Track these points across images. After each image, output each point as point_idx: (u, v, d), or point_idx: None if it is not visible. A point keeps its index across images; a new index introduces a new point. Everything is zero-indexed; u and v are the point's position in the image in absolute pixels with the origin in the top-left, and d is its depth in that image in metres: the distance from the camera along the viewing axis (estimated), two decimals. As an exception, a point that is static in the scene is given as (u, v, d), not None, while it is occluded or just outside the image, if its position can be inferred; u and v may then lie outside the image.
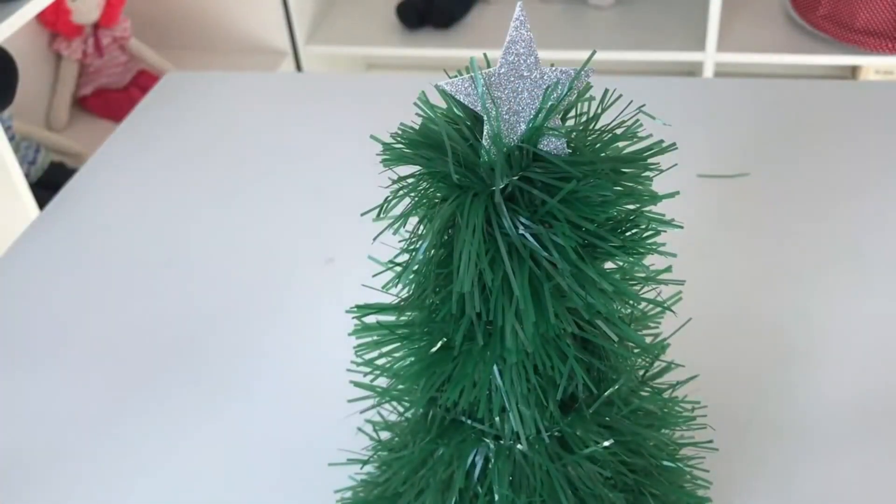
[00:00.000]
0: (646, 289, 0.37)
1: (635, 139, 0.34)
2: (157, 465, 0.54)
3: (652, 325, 0.41)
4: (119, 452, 0.55)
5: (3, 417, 0.58)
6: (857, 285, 0.61)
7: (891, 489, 0.49)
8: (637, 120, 0.34)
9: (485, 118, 0.31)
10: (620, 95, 0.34)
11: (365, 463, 0.44)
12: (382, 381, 0.40)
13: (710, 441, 0.46)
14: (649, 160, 0.34)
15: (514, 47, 0.31)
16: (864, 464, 0.50)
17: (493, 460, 0.38)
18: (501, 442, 0.38)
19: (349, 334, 0.39)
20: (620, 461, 0.39)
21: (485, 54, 0.32)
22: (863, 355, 0.56)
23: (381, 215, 0.34)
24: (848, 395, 0.54)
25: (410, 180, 0.34)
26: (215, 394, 0.58)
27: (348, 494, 0.47)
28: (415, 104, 0.33)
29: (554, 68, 0.31)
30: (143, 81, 1.69)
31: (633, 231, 0.34)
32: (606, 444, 0.38)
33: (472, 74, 0.31)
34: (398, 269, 0.36)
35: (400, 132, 0.34)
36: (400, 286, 0.36)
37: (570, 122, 0.34)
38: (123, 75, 1.69)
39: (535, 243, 0.32)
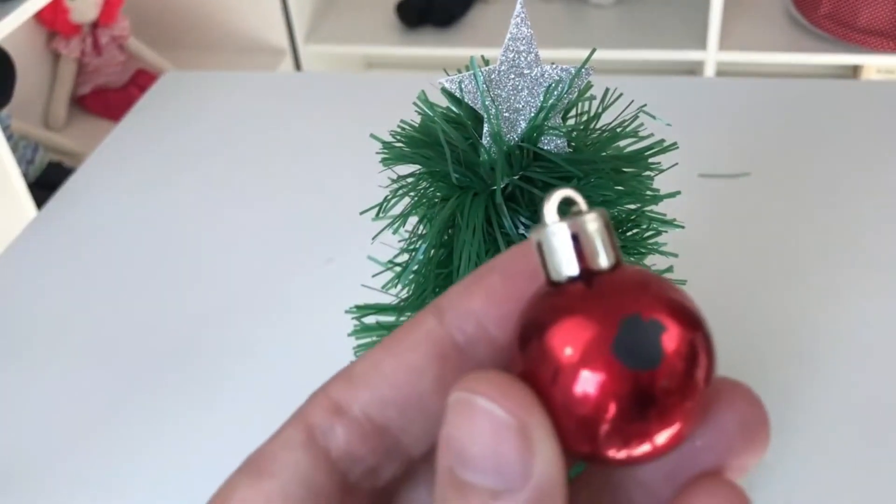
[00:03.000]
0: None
1: (636, 138, 0.33)
2: (157, 465, 0.54)
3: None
4: (118, 452, 0.55)
5: (1, 417, 0.58)
6: (859, 285, 0.61)
7: (895, 490, 0.48)
8: (638, 118, 0.34)
9: (485, 116, 0.31)
10: (621, 94, 0.34)
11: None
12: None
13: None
14: (650, 159, 0.33)
15: (514, 44, 0.30)
16: (868, 464, 0.50)
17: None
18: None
19: (349, 335, 0.39)
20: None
21: (482, 56, 0.32)
22: (865, 355, 0.56)
23: (381, 214, 0.33)
24: (851, 396, 0.53)
25: (410, 180, 0.33)
26: (214, 394, 0.58)
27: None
28: (414, 104, 0.33)
29: (554, 66, 0.31)
30: (142, 80, 1.69)
31: (634, 231, 0.34)
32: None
33: (473, 72, 0.30)
34: (398, 269, 0.36)
35: (399, 129, 0.34)
36: (399, 286, 0.36)
37: (571, 121, 0.34)
38: (122, 74, 1.69)
39: (536, 243, 0.32)
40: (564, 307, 0.16)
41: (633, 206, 0.34)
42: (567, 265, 0.16)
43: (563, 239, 0.16)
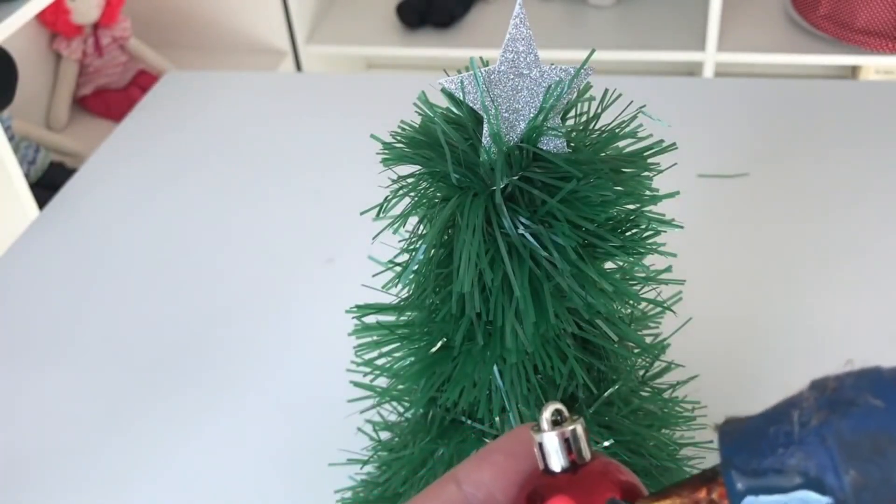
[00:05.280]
0: (646, 289, 0.37)
1: (635, 139, 0.34)
2: (157, 465, 0.54)
3: (652, 325, 0.41)
4: (119, 452, 0.55)
5: (2, 417, 0.58)
6: (857, 285, 0.61)
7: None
8: (637, 119, 0.34)
9: (485, 117, 0.31)
10: (620, 95, 0.34)
11: (365, 463, 0.44)
12: (382, 381, 0.40)
13: (711, 441, 0.46)
14: (649, 160, 0.34)
15: (513, 45, 0.31)
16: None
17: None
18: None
19: (349, 334, 0.39)
20: (620, 461, 0.39)
21: (481, 57, 0.32)
22: (863, 355, 0.56)
23: (381, 215, 0.34)
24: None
25: (410, 180, 0.34)
26: (215, 394, 0.58)
27: (348, 494, 0.47)
28: (414, 104, 0.33)
29: (553, 67, 0.31)
30: (143, 81, 1.69)
31: (634, 231, 0.34)
32: (606, 444, 0.37)
33: (472, 73, 0.31)
34: (398, 269, 0.36)
35: (400, 130, 0.34)
36: (400, 286, 0.36)
37: (571, 122, 0.34)
38: (123, 75, 1.69)
39: (535, 243, 0.32)
40: (560, 487, 0.22)
41: (632, 207, 0.34)
42: (560, 460, 0.23)
43: (557, 442, 0.23)
